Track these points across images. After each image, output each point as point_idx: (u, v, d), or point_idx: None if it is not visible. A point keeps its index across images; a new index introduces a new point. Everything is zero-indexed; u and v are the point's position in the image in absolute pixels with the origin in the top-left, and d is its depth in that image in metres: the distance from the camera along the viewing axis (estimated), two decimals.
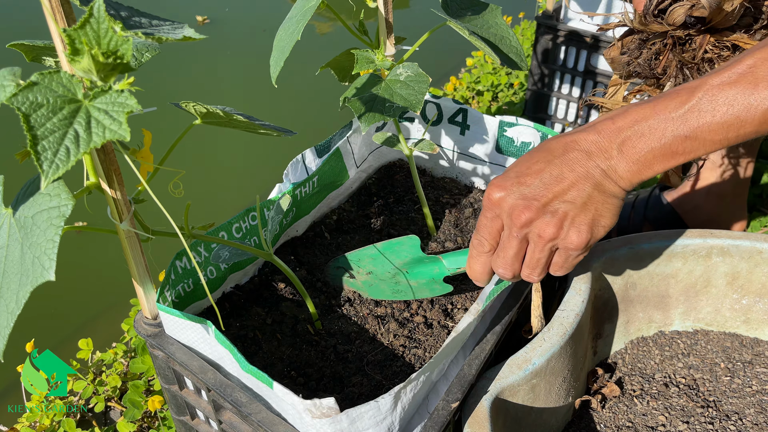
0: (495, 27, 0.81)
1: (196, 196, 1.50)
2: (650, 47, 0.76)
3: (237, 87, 2.07)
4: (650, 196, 1.18)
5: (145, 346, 1.02)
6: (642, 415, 0.78)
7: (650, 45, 0.76)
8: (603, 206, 0.58)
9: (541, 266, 0.62)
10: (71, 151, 0.44)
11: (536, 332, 0.75)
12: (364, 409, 0.56)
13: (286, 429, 0.60)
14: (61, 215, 0.47)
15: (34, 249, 0.47)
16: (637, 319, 0.87)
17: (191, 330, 0.65)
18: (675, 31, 0.73)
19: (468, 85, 1.81)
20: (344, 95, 0.74)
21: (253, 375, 0.59)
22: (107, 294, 1.31)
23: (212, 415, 0.69)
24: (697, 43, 0.73)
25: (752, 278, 0.83)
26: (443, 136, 0.99)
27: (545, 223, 0.59)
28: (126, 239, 0.60)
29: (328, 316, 0.78)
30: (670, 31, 0.73)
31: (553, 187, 0.58)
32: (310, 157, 0.86)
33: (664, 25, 0.72)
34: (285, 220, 0.84)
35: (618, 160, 0.57)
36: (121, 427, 0.95)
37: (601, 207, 0.58)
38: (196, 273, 0.74)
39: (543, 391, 0.71)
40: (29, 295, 0.48)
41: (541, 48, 1.48)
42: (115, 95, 0.46)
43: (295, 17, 0.70)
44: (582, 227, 0.58)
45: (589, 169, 0.57)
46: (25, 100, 0.44)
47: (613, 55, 0.80)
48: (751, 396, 0.79)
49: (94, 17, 0.45)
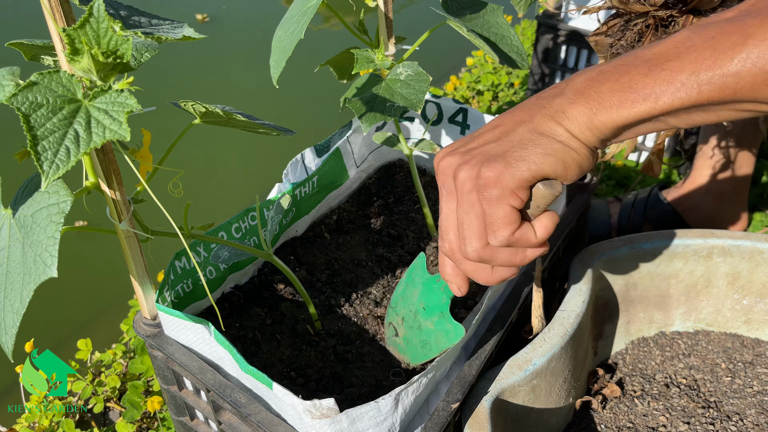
0: (496, 26, 0.81)
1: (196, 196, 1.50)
2: (632, 28, 0.76)
3: (236, 86, 2.07)
4: (650, 195, 1.18)
5: (145, 347, 1.02)
6: (643, 415, 0.78)
7: (632, 26, 0.76)
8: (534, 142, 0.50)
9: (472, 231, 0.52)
10: (71, 151, 0.44)
11: (537, 333, 0.75)
12: (365, 409, 0.56)
13: (286, 430, 0.60)
14: (60, 212, 0.47)
15: (36, 247, 0.47)
16: (637, 320, 0.87)
17: (190, 330, 0.65)
18: (657, 11, 0.72)
19: (468, 85, 1.81)
20: (345, 95, 0.73)
21: (253, 375, 0.59)
22: (107, 294, 1.31)
23: (212, 416, 0.69)
24: (680, 24, 0.73)
25: (753, 278, 0.83)
26: (443, 135, 0.99)
27: (464, 163, 0.51)
28: (125, 239, 0.60)
29: (328, 316, 0.78)
30: (652, 11, 0.73)
31: (486, 133, 0.53)
32: (309, 156, 0.86)
33: (646, 5, 0.72)
34: (285, 220, 0.84)
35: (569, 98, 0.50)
36: (120, 428, 0.95)
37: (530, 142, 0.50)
38: (195, 273, 0.74)
39: (543, 392, 0.70)
40: (33, 293, 0.48)
41: (541, 47, 1.48)
42: (115, 95, 0.46)
43: (294, 17, 0.69)
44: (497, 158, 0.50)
45: (534, 113, 0.51)
46: (24, 100, 0.43)
47: (597, 39, 0.79)
48: (752, 396, 0.79)
49: (94, 17, 0.45)
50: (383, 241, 0.90)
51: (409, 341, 0.69)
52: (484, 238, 0.52)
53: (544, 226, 0.52)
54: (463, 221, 0.52)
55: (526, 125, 0.51)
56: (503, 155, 0.50)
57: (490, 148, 0.51)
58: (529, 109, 0.51)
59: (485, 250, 0.52)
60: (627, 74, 0.48)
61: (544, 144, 0.49)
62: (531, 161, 0.49)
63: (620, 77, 0.48)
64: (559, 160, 0.49)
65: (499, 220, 0.50)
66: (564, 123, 0.50)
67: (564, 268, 0.85)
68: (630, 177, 1.42)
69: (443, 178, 0.54)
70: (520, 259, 0.53)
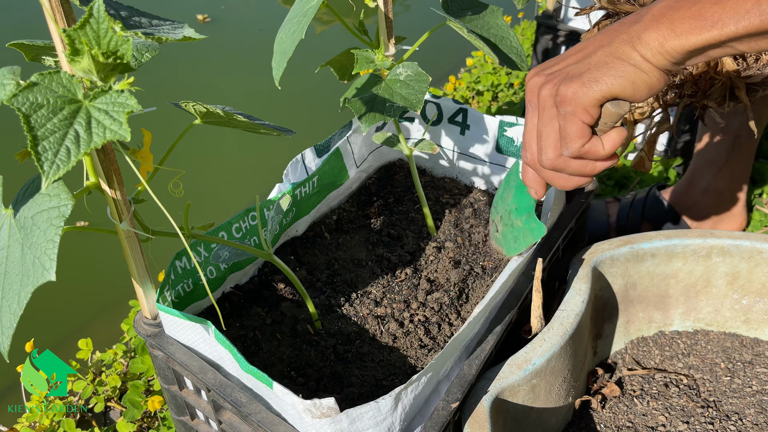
0: (495, 27, 0.81)
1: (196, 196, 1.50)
2: None
3: (237, 86, 2.07)
4: (648, 195, 1.18)
5: (145, 347, 1.02)
6: (642, 415, 0.78)
7: None
8: (609, 65, 0.54)
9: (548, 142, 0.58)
10: (72, 152, 0.44)
11: (536, 332, 0.75)
12: (365, 409, 0.56)
13: (286, 429, 0.60)
14: (60, 215, 0.47)
15: (35, 249, 0.47)
16: (637, 319, 0.87)
17: (191, 330, 0.65)
18: None
19: (468, 85, 1.81)
20: (344, 96, 0.74)
21: (253, 375, 0.59)
22: (107, 294, 1.31)
23: (212, 416, 0.69)
24: None
25: (752, 278, 0.83)
26: (443, 136, 0.99)
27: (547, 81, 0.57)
28: (126, 239, 0.60)
29: (328, 316, 0.78)
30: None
31: (571, 56, 0.58)
32: (309, 157, 0.86)
33: (635, 5, 0.72)
34: (285, 220, 0.84)
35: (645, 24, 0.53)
36: (120, 428, 0.95)
37: (605, 65, 0.54)
38: (195, 273, 0.74)
39: (543, 392, 0.70)
40: (30, 295, 0.48)
41: (541, 48, 1.48)
42: (115, 95, 0.46)
43: (295, 18, 0.69)
44: (574, 78, 0.55)
45: (613, 38, 0.55)
46: (25, 100, 0.44)
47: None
48: (751, 396, 0.79)
49: (94, 17, 0.45)
50: (383, 241, 0.90)
51: (505, 236, 0.77)
52: (559, 149, 0.58)
53: (612, 140, 0.57)
54: (541, 133, 0.58)
55: (605, 49, 0.55)
56: (580, 75, 0.54)
57: (571, 69, 0.56)
58: (610, 34, 0.55)
59: (559, 160, 0.58)
60: (699, 2, 0.50)
61: (618, 67, 0.53)
62: (603, 82, 0.53)
63: (693, 5, 0.51)
64: (629, 81, 0.53)
65: (572, 133, 0.56)
66: (638, 48, 0.53)
67: (563, 268, 0.85)
68: (629, 177, 1.42)
69: (530, 95, 0.59)
70: (590, 169, 0.59)
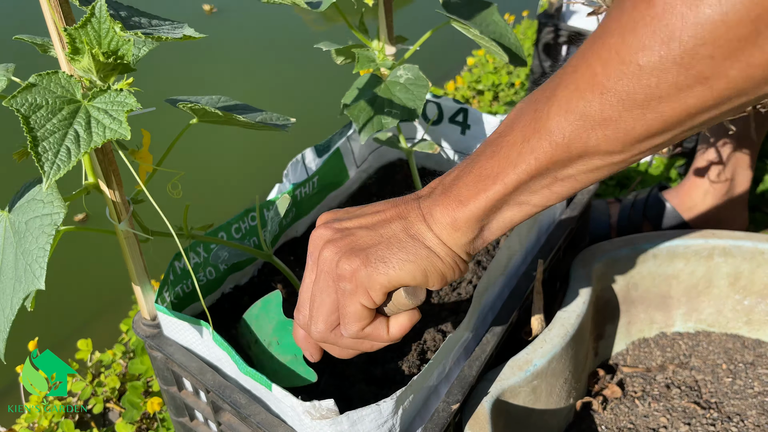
0: (494, 25, 0.81)
1: (196, 197, 1.49)
2: None
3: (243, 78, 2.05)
4: (650, 195, 1.18)
5: (144, 347, 1.02)
6: (643, 416, 0.77)
7: None
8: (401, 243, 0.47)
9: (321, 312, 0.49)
10: (72, 152, 0.44)
11: (537, 333, 0.75)
12: (366, 411, 0.56)
13: (286, 431, 0.60)
14: (52, 223, 0.47)
15: (27, 256, 0.47)
16: (638, 320, 0.86)
17: (189, 331, 0.65)
18: None
19: (469, 85, 1.81)
20: (344, 99, 0.73)
21: (252, 377, 0.59)
22: (106, 294, 1.30)
23: (211, 417, 0.69)
24: None
25: (754, 279, 0.83)
26: (444, 135, 0.99)
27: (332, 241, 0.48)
28: (124, 240, 0.60)
29: None
30: None
31: (367, 215, 0.50)
32: (310, 157, 0.86)
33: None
34: (285, 221, 0.84)
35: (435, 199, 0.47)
36: (119, 429, 0.95)
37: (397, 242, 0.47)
38: (195, 273, 0.73)
39: (544, 393, 0.70)
40: (22, 302, 0.47)
41: (542, 47, 1.48)
42: (114, 94, 0.46)
43: None
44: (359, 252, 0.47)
45: (409, 209, 0.48)
46: (24, 101, 0.43)
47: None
48: (752, 397, 0.79)
49: (96, 17, 0.45)
50: None
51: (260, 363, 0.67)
52: (331, 323, 0.50)
53: (400, 326, 0.50)
54: (315, 299, 0.50)
55: (400, 222, 0.48)
56: (366, 250, 0.47)
57: (360, 236, 0.48)
58: (408, 205, 0.49)
59: (330, 335, 0.50)
60: (478, 163, 0.45)
61: (410, 248, 0.47)
62: (391, 266, 0.46)
63: (473, 168, 0.45)
64: (420, 268, 0.46)
65: (350, 314, 0.48)
66: (432, 226, 0.47)
67: (565, 269, 0.85)
68: (630, 177, 1.41)
69: (312, 247, 0.51)
70: (367, 347, 0.51)
